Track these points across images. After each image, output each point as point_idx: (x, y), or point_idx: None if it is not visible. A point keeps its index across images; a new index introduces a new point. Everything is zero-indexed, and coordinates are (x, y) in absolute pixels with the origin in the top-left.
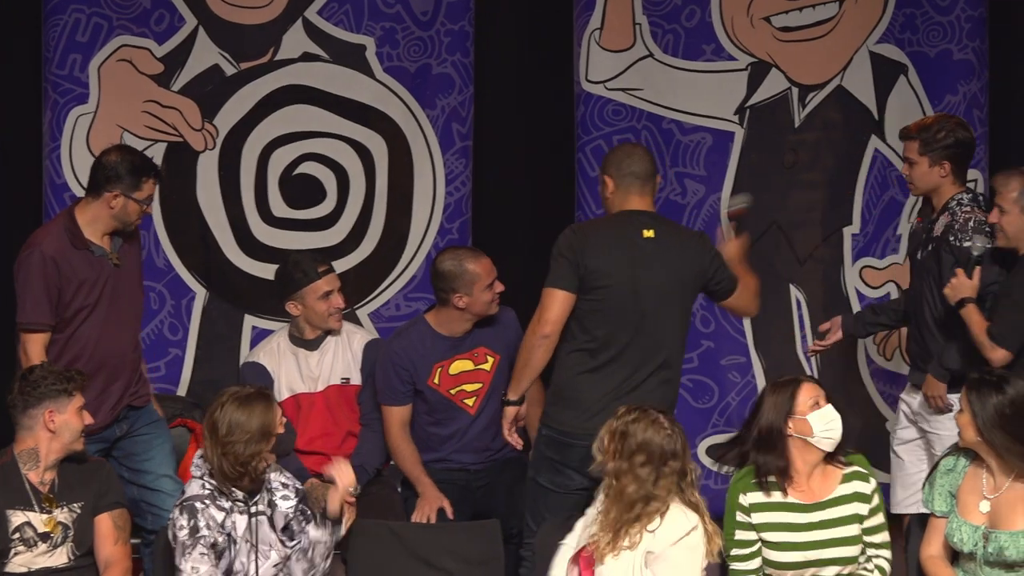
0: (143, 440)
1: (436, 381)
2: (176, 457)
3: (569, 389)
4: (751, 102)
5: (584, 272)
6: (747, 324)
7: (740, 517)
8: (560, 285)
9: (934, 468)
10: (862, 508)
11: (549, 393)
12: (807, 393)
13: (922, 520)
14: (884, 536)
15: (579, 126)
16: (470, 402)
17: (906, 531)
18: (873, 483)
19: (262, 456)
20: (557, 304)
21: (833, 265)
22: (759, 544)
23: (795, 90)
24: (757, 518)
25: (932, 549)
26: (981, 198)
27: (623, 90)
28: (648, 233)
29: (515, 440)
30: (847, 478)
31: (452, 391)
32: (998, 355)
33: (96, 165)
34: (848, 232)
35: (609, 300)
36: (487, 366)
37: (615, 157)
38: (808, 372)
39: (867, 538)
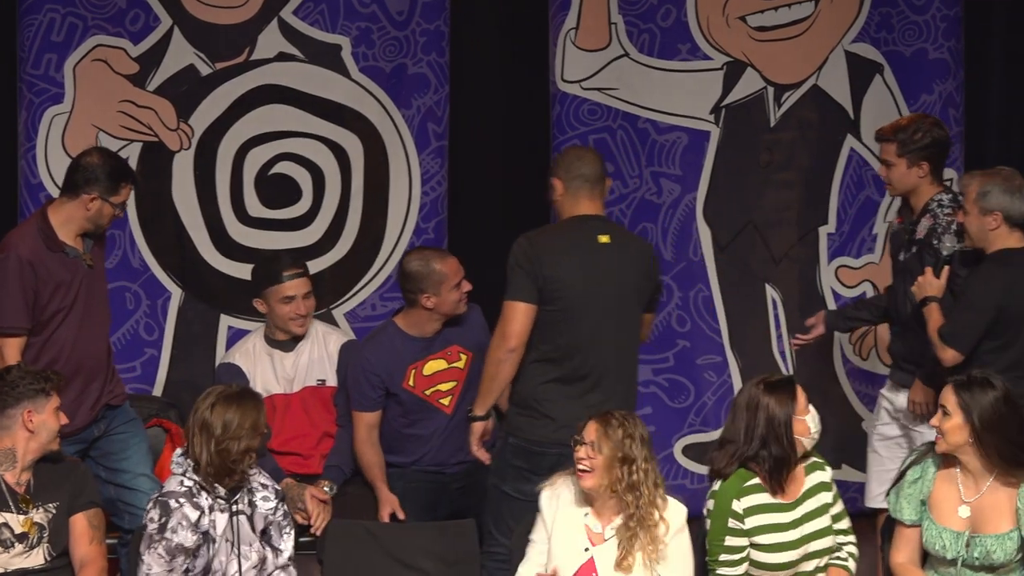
0: (120, 439)
1: (411, 383)
2: (152, 457)
3: (535, 400)
4: (727, 101)
5: (542, 282)
6: (723, 323)
7: (732, 524)
8: (520, 297)
9: (900, 477)
10: (827, 496)
11: (513, 403)
12: (802, 395)
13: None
14: (848, 522)
15: (555, 126)
16: (446, 401)
17: (883, 529)
18: (829, 470)
19: (251, 453)
20: (519, 317)
21: (809, 264)
22: (748, 549)
23: (771, 89)
24: (750, 522)
25: (901, 556)
26: (961, 198)
27: (599, 89)
28: (603, 239)
29: (483, 455)
30: (809, 470)
31: (427, 392)
32: (948, 355)
33: (75, 166)
34: (824, 231)
35: (569, 308)
36: (461, 364)
37: (564, 160)
38: (785, 371)
39: (835, 525)
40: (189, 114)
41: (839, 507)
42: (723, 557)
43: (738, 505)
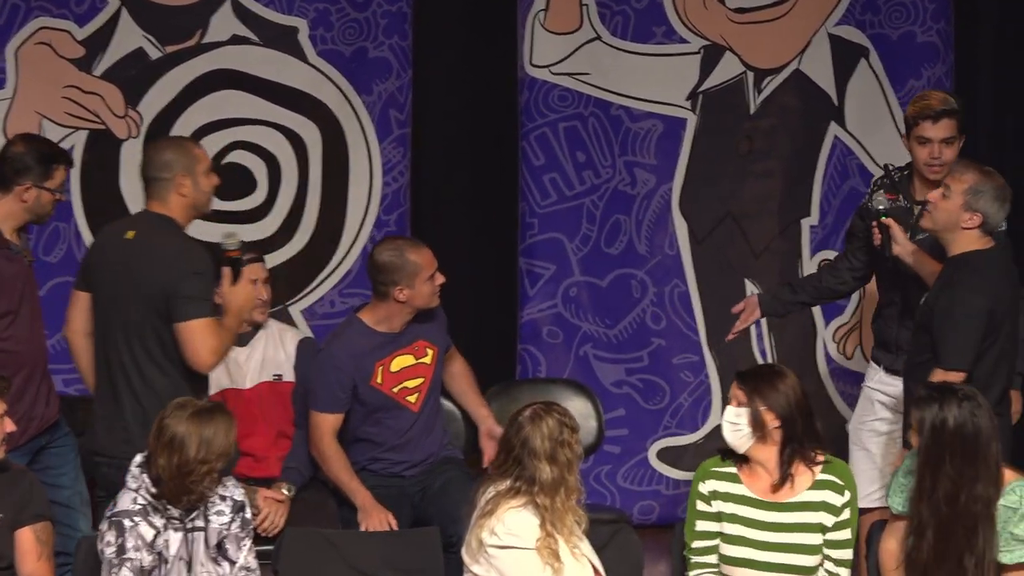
0: (59, 453)
1: (379, 381)
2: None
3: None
4: (704, 87)
5: (83, 269)
6: (700, 321)
7: (700, 506)
8: (75, 284)
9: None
10: (828, 519)
11: None
12: (733, 388)
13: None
14: (845, 553)
15: (523, 113)
16: (413, 399)
17: (868, 534)
18: (847, 496)
19: (214, 474)
20: (70, 304)
21: (790, 258)
22: (718, 538)
23: (750, 74)
24: (717, 506)
25: (890, 544)
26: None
27: (569, 75)
28: (129, 235)
29: None
30: (818, 485)
31: (395, 389)
32: (954, 376)
33: (1, 159)
34: (806, 224)
35: (97, 304)
36: (428, 359)
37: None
38: None
39: (827, 551)
40: (138, 100)
41: (841, 535)
42: (696, 544)
43: (704, 487)
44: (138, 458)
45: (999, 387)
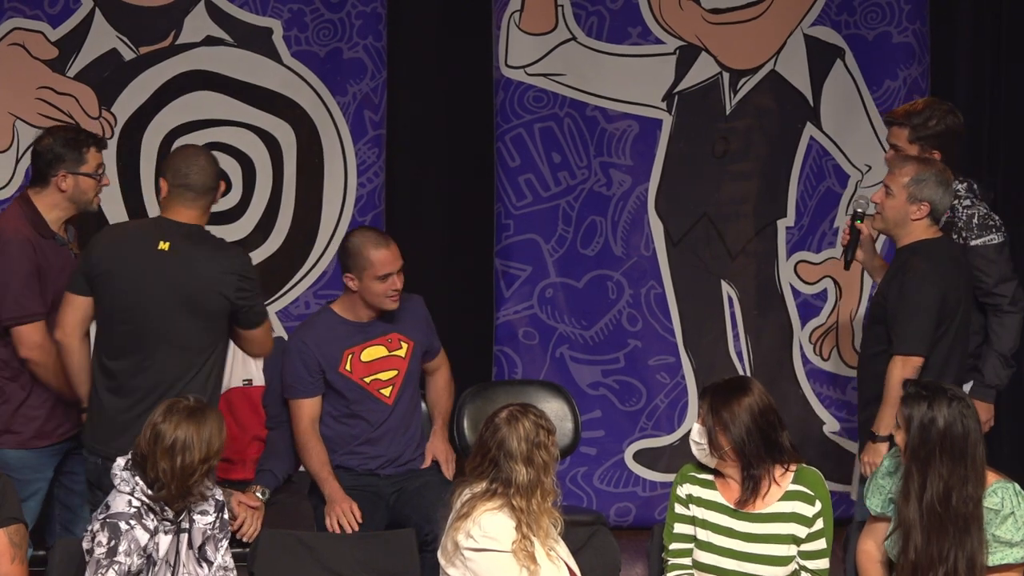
0: (82, 460)
1: (348, 368)
2: None
3: (94, 404)
4: (680, 88)
5: (89, 275)
6: (676, 322)
7: (679, 509)
8: (71, 288)
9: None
10: (800, 530)
11: None
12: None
13: (863, 526)
14: (821, 563)
15: (498, 113)
16: (387, 392)
17: (845, 539)
18: (819, 506)
19: (210, 473)
20: (67, 308)
21: (767, 259)
22: (693, 542)
23: (726, 75)
24: (693, 511)
25: (868, 545)
26: (977, 187)
27: (544, 75)
28: (163, 246)
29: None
30: (789, 496)
31: (367, 379)
32: (914, 363)
33: (33, 155)
34: (782, 225)
35: (116, 311)
36: (402, 352)
37: (174, 161)
38: (740, 372)
39: (803, 561)
40: (112, 101)
41: (815, 545)
42: (673, 546)
43: (681, 490)
44: (121, 461)
45: (952, 376)
